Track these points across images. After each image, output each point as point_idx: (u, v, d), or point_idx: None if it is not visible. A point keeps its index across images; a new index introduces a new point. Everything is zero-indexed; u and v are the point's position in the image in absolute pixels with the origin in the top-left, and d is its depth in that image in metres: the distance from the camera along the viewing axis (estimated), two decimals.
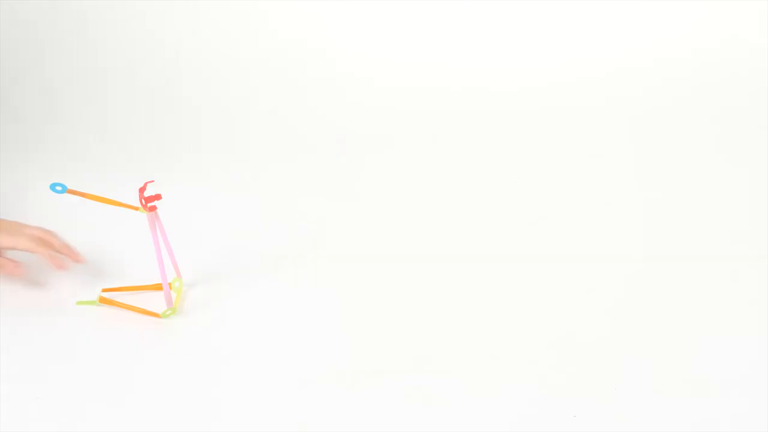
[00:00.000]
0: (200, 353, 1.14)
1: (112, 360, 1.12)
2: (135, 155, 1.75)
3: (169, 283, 1.25)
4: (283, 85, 1.96)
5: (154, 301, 1.23)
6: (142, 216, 1.20)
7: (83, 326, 1.19)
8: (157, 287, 1.24)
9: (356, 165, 1.70)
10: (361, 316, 1.21)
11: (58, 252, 1.24)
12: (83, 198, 1.18)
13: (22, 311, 1.23)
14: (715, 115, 1.85)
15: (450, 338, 1.16)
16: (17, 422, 1.01)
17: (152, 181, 1.20)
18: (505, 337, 1.16)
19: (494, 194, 1.58)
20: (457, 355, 1.13)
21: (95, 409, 1.04)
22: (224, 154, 1.75)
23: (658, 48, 2.00)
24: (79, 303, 1.24)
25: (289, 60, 2.01)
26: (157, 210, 1.19)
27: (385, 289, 1.28)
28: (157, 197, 1.18)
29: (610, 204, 1.53)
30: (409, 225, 1.47)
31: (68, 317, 1.21)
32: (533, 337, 1.16)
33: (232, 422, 1.02)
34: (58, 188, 1.16)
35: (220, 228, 1.47)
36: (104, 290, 1.27)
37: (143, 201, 1.17)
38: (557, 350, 1.13)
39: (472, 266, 1.34)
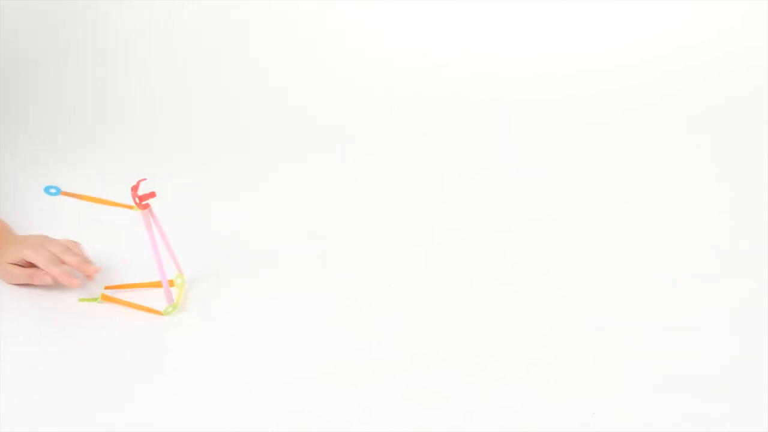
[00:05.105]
0: (201, 350, 1.14)
1: (113, 357, 1.13)
2: (135, 154, 1.75)
3: (171, 280, 1.25)
4: (285, 85, 1.96)
5: (157, 298, 1.23)
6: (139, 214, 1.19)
7: (85, 324, 1.19)
8: (159, 284, 1.24)
9: (357, 163, 1.70)
10: (360, 313, 1.21)
11: (76, 268, 1.25)
12: (78, 199, 1.18)
13: (23, 309, 1.24)
14: (711, 110, 1.85)
15: (451, 337, 1.16)
16: (18, 421, 1.02)
17: (145, 179, 1.19)
18: (505, 336, 1.16)
19: (493, 193, 1.57)
20: (458, 355, 1.12)
21: (96, 407, 1.04)
22: (225, 152, 1.75)
23: (654, 42, 2.00)
24: (81, 300, 1.25)
25: (290, 59, 2.01)
26: (152, 207, 1.19)
27: (385, 288, 1.28)
28: (151, 195, 1.17)
29: (608, 202, 1.53)
30: (407, 223, 1.47)
31: (70, 315, 1.22)
32: (532, 337, 1.16)
33: (232, 419, 1.02)
34: (52, 191, 1.16)
35: (222, 225, 1.47)
36: (107, 287, 1.27)
37: (137, 199, 1.17)
38: (556, 349, 1.13)
39: (471, 264, 1.34)
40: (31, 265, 1.25)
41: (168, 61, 2.01)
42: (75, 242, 1.30)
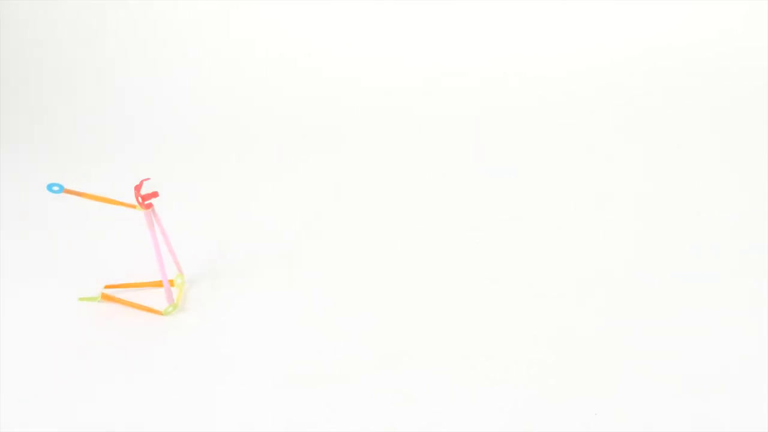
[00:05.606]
0: (201, 350, 1.14)
1: (113, 357, 1.13)
2: (135, 155, 1.75)
3: (171, 280, 1.25)
4: (282, 87, 1.97)
5: (156, 297, 1.24)
6: (141, 214, 1.20)
7: (85, 323, 1.20)
8: (159, 284, 1.24)
9: (352, 165, 1.71)
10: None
11: None
12: (80, 197, 1.18)
13: (23, 308, 1.24)
14: (709, 110, 1.85)
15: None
16: (18, 421, 1.02)
17: (148, 178, 1.20)
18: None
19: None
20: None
21: (96, 407, 1.04)
22: (226, 153, 1.76)
23: (653, 41, 2.01)
24: (81, 299, 1.25)
25: (287, 62, 2.02)
26: (154, 207, 1.19)
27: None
28: (154, 195, 1.18)
29: (606, 201, 1.52)
30: (402, 223, 1.47)
31: (70, 313, 1.22)
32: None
33: (232, 419, 1.02)
34: (55, 188, 1.16)
35: (221, 226, 1.47)
36: (106, 287, 1.27)
37: (140, 198, 1.17)
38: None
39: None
40: None
41: (168, 63, 2.02)
42: None
